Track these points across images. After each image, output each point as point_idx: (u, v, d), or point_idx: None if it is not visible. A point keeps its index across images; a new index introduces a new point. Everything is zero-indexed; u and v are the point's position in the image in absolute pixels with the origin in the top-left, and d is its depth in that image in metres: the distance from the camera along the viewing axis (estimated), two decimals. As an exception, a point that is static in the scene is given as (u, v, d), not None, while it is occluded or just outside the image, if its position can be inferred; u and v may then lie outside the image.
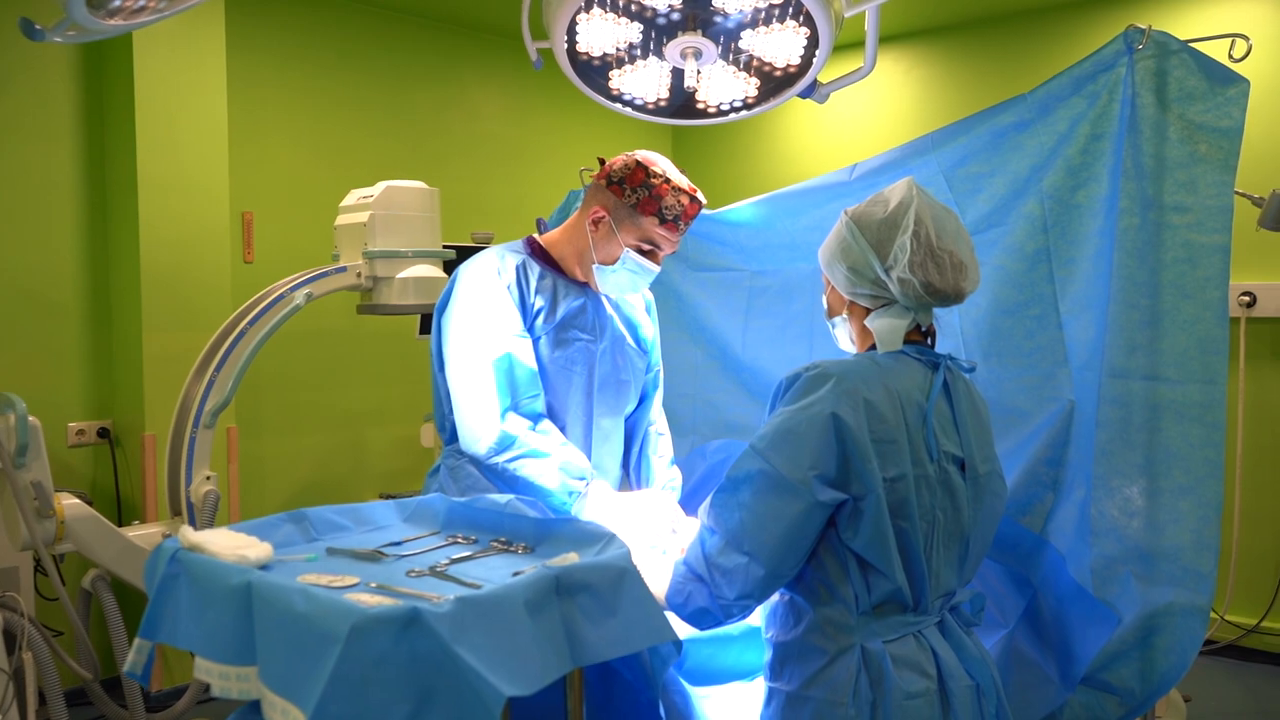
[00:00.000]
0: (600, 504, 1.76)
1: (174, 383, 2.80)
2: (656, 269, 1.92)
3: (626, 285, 1.94)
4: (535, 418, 1.81)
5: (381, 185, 2.85)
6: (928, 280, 1.47)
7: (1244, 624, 3.56)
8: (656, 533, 1.76)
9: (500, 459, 1.77)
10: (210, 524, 2.65)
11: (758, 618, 1.60)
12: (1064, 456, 1.91)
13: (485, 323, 1.82)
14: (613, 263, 1.89)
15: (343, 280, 2.84)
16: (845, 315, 1.59)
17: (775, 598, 1.51)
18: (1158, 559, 1.72)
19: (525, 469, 1.75)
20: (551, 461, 1.75)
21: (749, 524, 1.40)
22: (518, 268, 1.89)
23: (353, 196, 2.91)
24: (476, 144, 4.26)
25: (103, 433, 3.17)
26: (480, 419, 1.78)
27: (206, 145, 3.19)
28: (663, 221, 1.86)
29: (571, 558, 1.28)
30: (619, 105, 2.32)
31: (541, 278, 1.92)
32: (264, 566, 1.27)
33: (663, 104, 2.31)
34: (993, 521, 1.58)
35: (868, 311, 1.56)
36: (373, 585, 1.22)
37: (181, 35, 3.09)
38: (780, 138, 4.74)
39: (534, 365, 1.82)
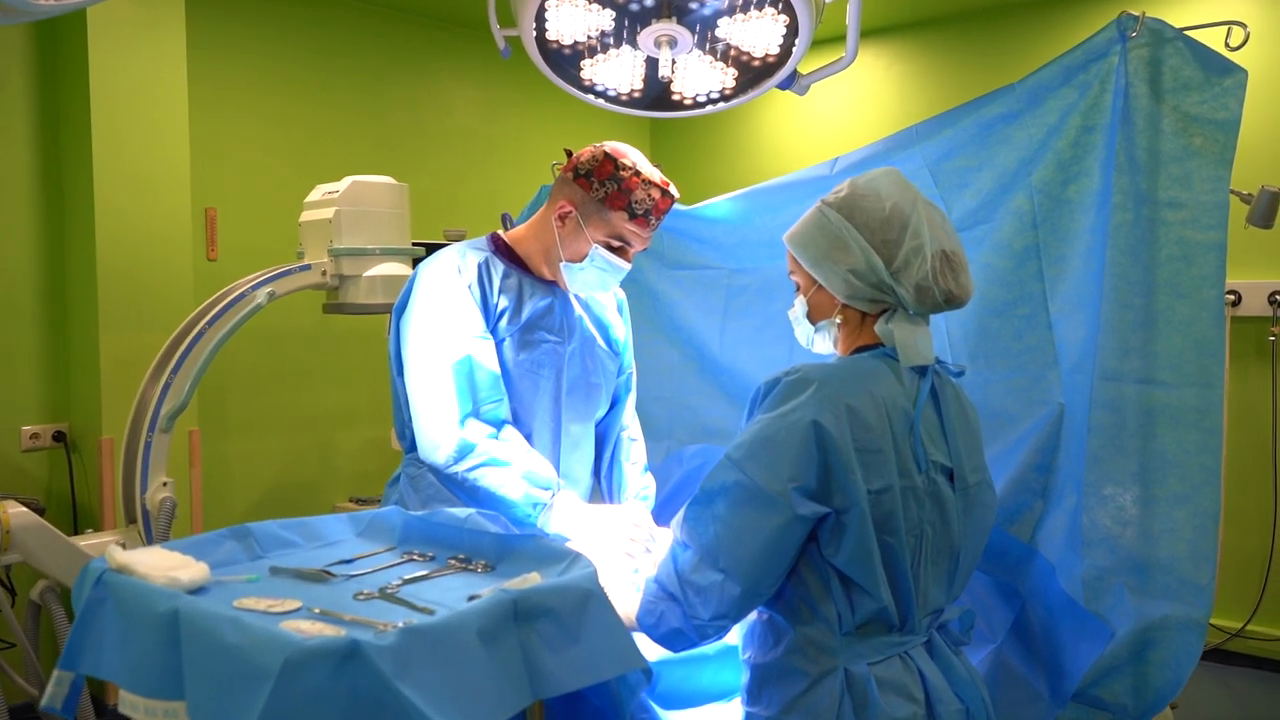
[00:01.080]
0: (567, 516, 1.66)
1: (133, 385, 2.69)
2: (627, 266, 1.83)
3: (596, 283, 1.84)
4: (498, 424, 1.71)
5: (348, 180, 2.76)
6: (948, 288, 1.38)
7: (1229, 628, 3.51)
8: (628, 548, 1.67)
9: (459, 468, 1.67)
10: (166, 532, 2.54)
11: (735, 637, 1.51)
12: (1054, 462, 1.84)
13: (445, 324, 1.72)
14: (581, 260, 1.79)
15: (307, 279, 2.74)
16: (836, 319, 1.48)
17: (753, 616, 1.43)
18: (1152, 570, 1.66)
19: (486, 479, 1.65)
20: (514, 470, 1.65)
21: (724, 538, 1.32)
22: (480, 266, 1.79)
23: (318, 192, 2.81)
24: (449, 138, 4.17)
25: (58, 436, 3.05)
26: (438, 426, 1.68)
27: (166, 139, 3.07)
28: (633, 217, 1.77)
29: (533, 578, 1.19)
30: (591, 96, 2.23)
31: (506, 276, 1.82)
32: (199, 589, 1.18)
33: (637, 95, 2.22)
34: (983, 534, 1.50)
35: (864, 316, 1.46)
36: (316, 611, 1.12)
37: (139, 24, 2.98)
38: (762, 133, 4.67)
39: (496, 369, 1.72)
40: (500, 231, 1.91)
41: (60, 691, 1.17)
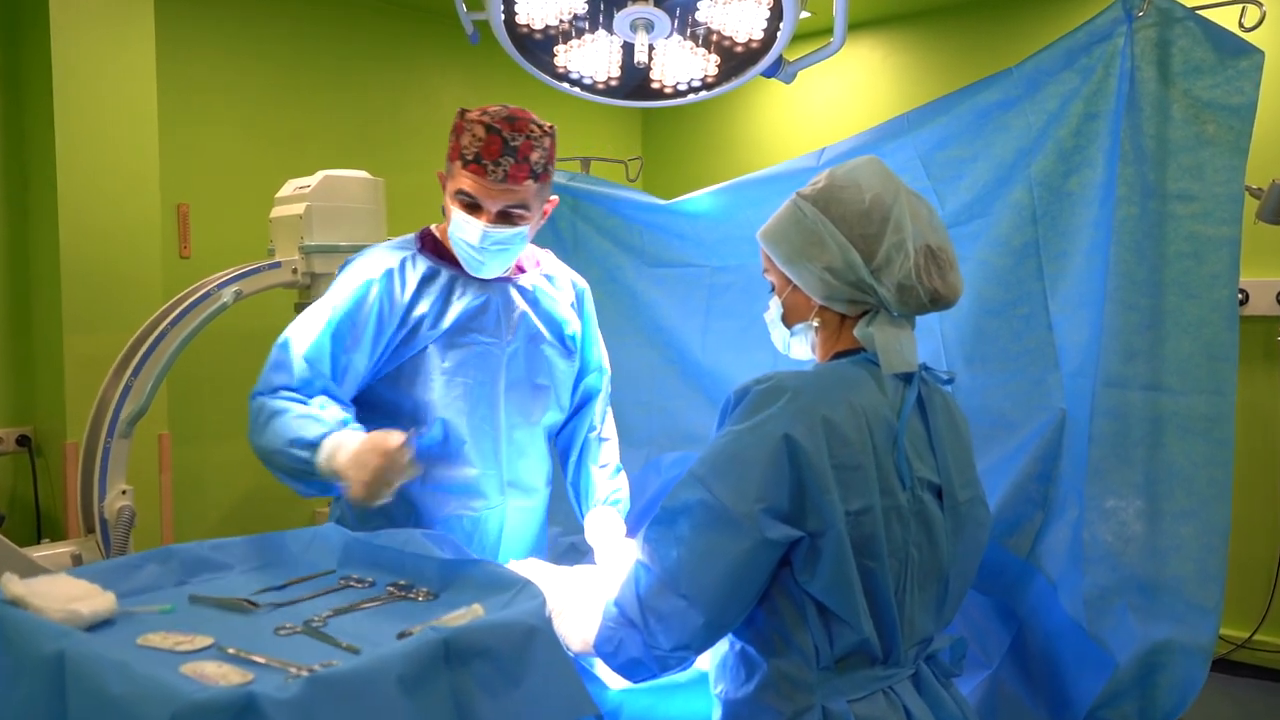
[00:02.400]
0: (334, 459, 1.47)
1: (98, 388, 2.59)
2: (480, 224, 1.60)
3: (486, 257, 1.63)
4: (295, 392, 1.59)
5: (320, 174, 2.66)
6: (933, 287, 1.26)
7: (1235, 637, 3.39)
8: (388, 474, 1.45)
9: (251, 431, 1.58)
10: (125, 542, 2.44)
11: (706, 662, 1.40)
12: (1055, 471, 1.73)
13: (303, 314, 1.65)
14: (459, 235, 1.64)
15: (277, 277, 2.64)
16: (813, 322, 1.35)
17: (724, 647, 1.31)
18: (1157, 591, 1.55)
19: (261, 430, 1.55)
20: (289, 415, 1.52)
21: (687, 562, 1.20)
22: (394, 269, 1.65)
23: (289, 187, 2.72)
24: (434, 132, 4.05)
25: (22, 440, 2.95)
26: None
27: (134, 132, 2.96)
28: (465, 165, 1.59)
29: (475, 611, 1.07)
30: (566, 85, 2.13)
31: (430, 277, 1.67)
32: (103, 623, 1.06)
33: (614, 83, 2.12)
34: (975, 555, 1.38)
35: (842, 319, 1.33)
36: (228, 650, 1.01)
37: (104, 14, 2.87)
38: (756, 126, 4.56)
39: (305, 351, 1.59)
40: (434, 227, 1.78)
41: (-55, 737, 1.06)
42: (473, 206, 1.61)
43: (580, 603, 1.36)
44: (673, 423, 2.26)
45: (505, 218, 1.62)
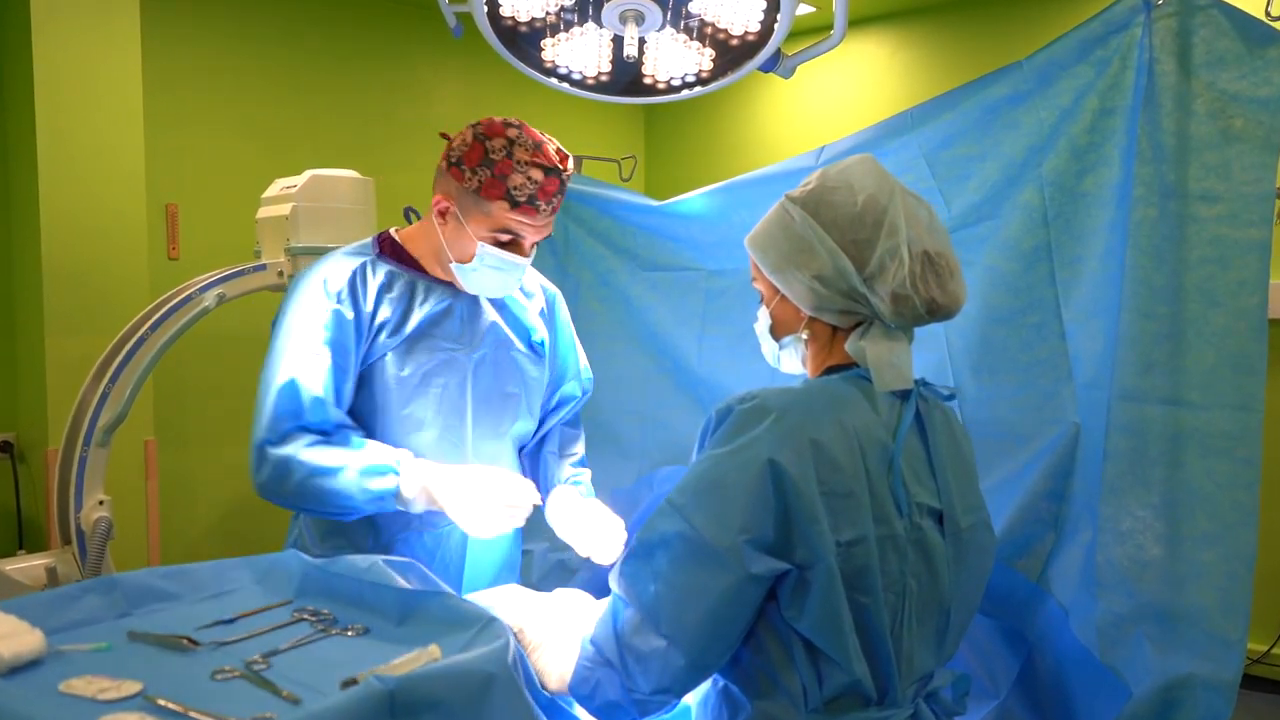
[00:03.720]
0: (422, 489, 1.48)
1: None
2: (523, 261, 1.59)
3: (494, 285, 1.61)
4: (326, 430, 1.54)
5: (307, 174, 2.59)
6: (931, 296, 1.17)
7: (1254, 651, 3.30)
8: (508, 509, 1.49)
9: (286, 489, 1.50)
10: (101, 554, 2.37)
11: (692, 698, 1.31)
12: (1067, 490, 1.65)
13: (284, 342, 1.55)
14: (469, 260, 1.57)
15: (262, 279, 2.57)
16: (803, 335, 1.27)
17: (707, 685, 1.22)
18: (1176, 621, 1.45)
19: (320, 485, 1.48)
20: (347, 471, 1.48)
21: (666, 599, 1.11)
22: (354, 274, 1.58)
23: (276, 187, 2.65)
24: (428, 131, 3.97)
25: (4, 447, 2.89)
26: (255, 449, 1.53)
27: (119, 133, 2.90)
28: (514, 206, 1.52)
29: (431, 654, 0.98)
30: (555, 80, 2.04)
31: (389, 282, 1.60)
32: (27, 664, 0.98)
33: (605, 78, 2.03)
34: (979, 583, 1.29)
35: (834, 331, 1.25)
36: (157, 701, 0.92)
37: (88, 10, 2.82)
38: (759, 124, 4.49)
39: (320, 390, 1.53)
40: (393, 230, 1.70)
41: None
42: (512, 242, 1.57)
43: (559, 636, 1.27)
44: (667, 434, 2.18)
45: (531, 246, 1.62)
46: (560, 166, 1.56)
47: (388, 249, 1.65)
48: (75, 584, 1.18)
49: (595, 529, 1.62)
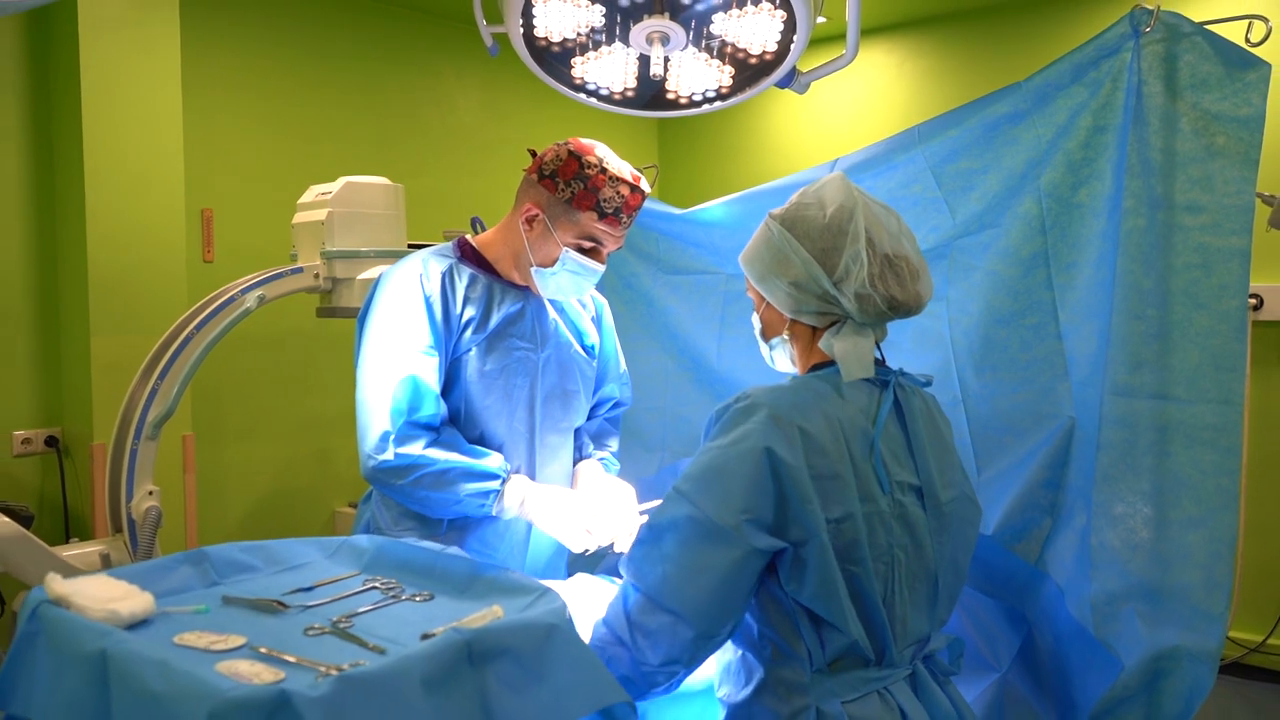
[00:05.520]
0: (520, 502, 1.65)
1: (125, 390, 2.65)
2: (600, 268, 1.76)
3: (569, 288, 1.77)
4: (435, 430, 1.67)
5: (341, 181, 2.71)
6: (890, 293, 1.31)
7: (1249, 641, 3.41)
8: (587, 529, 1.65)
9: (401, 481, 1.62)
10: (152, 542, 2.49)
11: (714, 669, 1.43)
12: (1063, 479, 1.75)
13: (393, 339, 1.67)
14: (551, 264, 1.72)
15: (299, 282, 2.69)
16: (786, 336, 1.43)
17: (728, 655, 1.35)
18: (1164, 597, 1.56)
19: (428, 486, 1.62)
20: (454, 474, 1.62)
21: (674, 578, 1.24)
22: (443, 275, 1.73)
23: (311, 193, 2.77)
24: (451, 138, 4.10)
25: (50, 441, 3.01)
26: (375, 441, 1.64)
27: (160, 138, 3.03)
28: (602, 216, 1.70)
29: (494, 612, 1.11)
30: (583, 96, 2.16)
31: (472, 284, 1.75)
32: (141, 622, 1.11)
33: (630, 94, 2.15)
34: (966, 551, 1.42)
35: (814, 331, 1.39)
36: (260, 650, 1.05)
37: (132, 21, 2.93)
38: (769, 133, 4.59)
39: (436, 387, 1.67)
40: (469, 235, 1.84)
41: (-10, 732, 1.11)
42: (593, 250, 1.73)
43: (577, 621, 1.40)
44: (688, 429, 2.29)
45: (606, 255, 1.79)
46: (640, 185, 1.72)
47: (469, 254, 1.78)
48: (169, 556, 1.30)
49: (610, 512, 1.75)
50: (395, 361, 1.64)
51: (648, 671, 1.26)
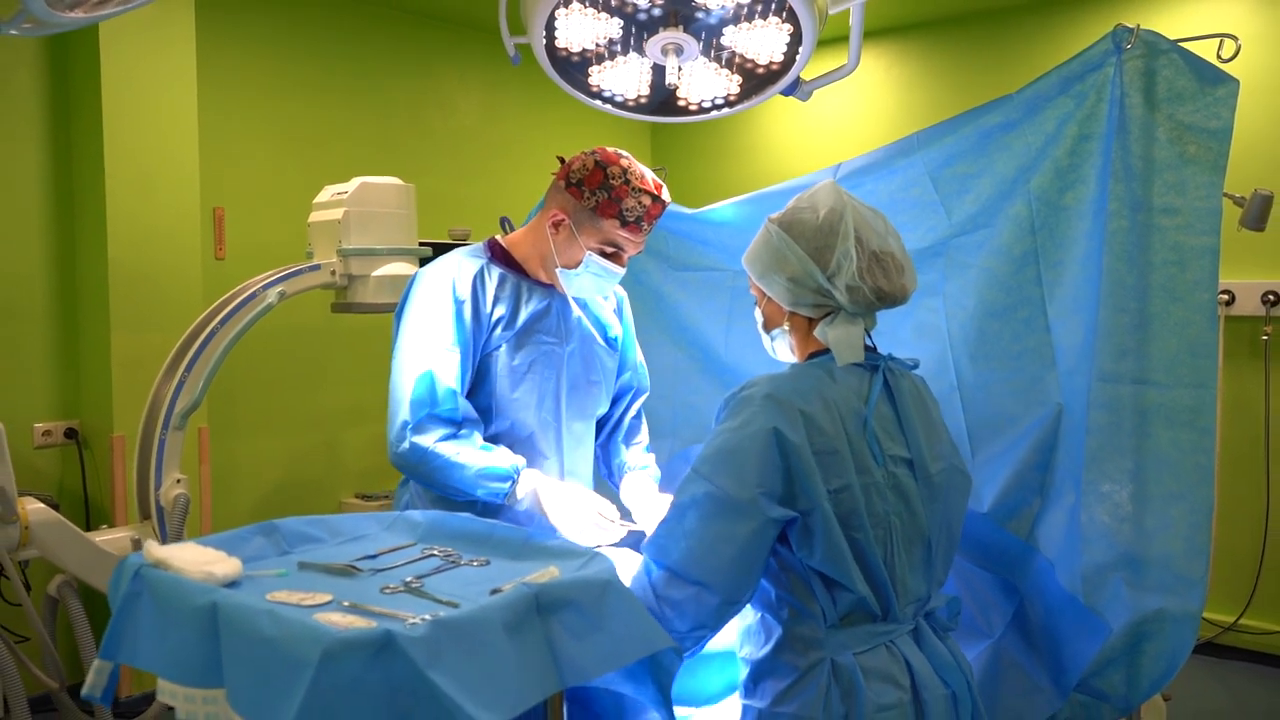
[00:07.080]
0: (532, 495, 1.74)
1: (143, 383, 2.74)
2: (621, 271, 1.89)
3: (591, 288, 1.91)
4: (457, 424, 1.77)
5: (356, 181, 2.81)
6: (877, 285, 1.46)
7: (1222, 621, 3.57)
8: (597, 520, 1.75)
9: (419, 469, 1.74)
10: (180, 528, 2.59)
11: (736, 631, 1.57)
12: (1052, 461, 1.88)
13: (419, 335, 1.78)
14: (575, 266, 1.85)
15: (316, 278, 2.79)
16: (786, 327, 1.58)
17: (749, 619, 1.49)
18: (1148, 565, 1.70)
19: (442, 477, 1.73)
20: (469, 469, 1.72)
21: (696, 551, 1.38)
22: (475, 276, 1.85)
23: (327, 193, 2.86)
24: (454, 140, 4.20)
25: (70, 433, 3.09)
26: (394, 430, 1.76)
27: (176, 140, 3.11)
28: (624, 224, 1.82)
29: (552, 572, 1.24)
30: (599, 102, 2.27)
31: (501, 283, 1.87)
32: (233, 583, 1.22)
33: (643, 101, 2.26)
34: (957, 517, 1.57)
35: (810, 322, 1.54)
36: (345, 604, 1.17)
37: (150, 27, 3.02)
38: (763, 136, 4.71)
39: (454, 384, 1.77)
40: (499, 236, 1.96)
41: (100, 681, 1.22)
42: (614, 254, 1.85)
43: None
44: (697, 417, 2.41)
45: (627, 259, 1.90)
46: (661, 196, 1.84)
47: (498, 254, 1.90)
48: (244, 528, 1.41)
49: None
50: (419, 356, 1.76)
51: (677, 636, 1.39)
